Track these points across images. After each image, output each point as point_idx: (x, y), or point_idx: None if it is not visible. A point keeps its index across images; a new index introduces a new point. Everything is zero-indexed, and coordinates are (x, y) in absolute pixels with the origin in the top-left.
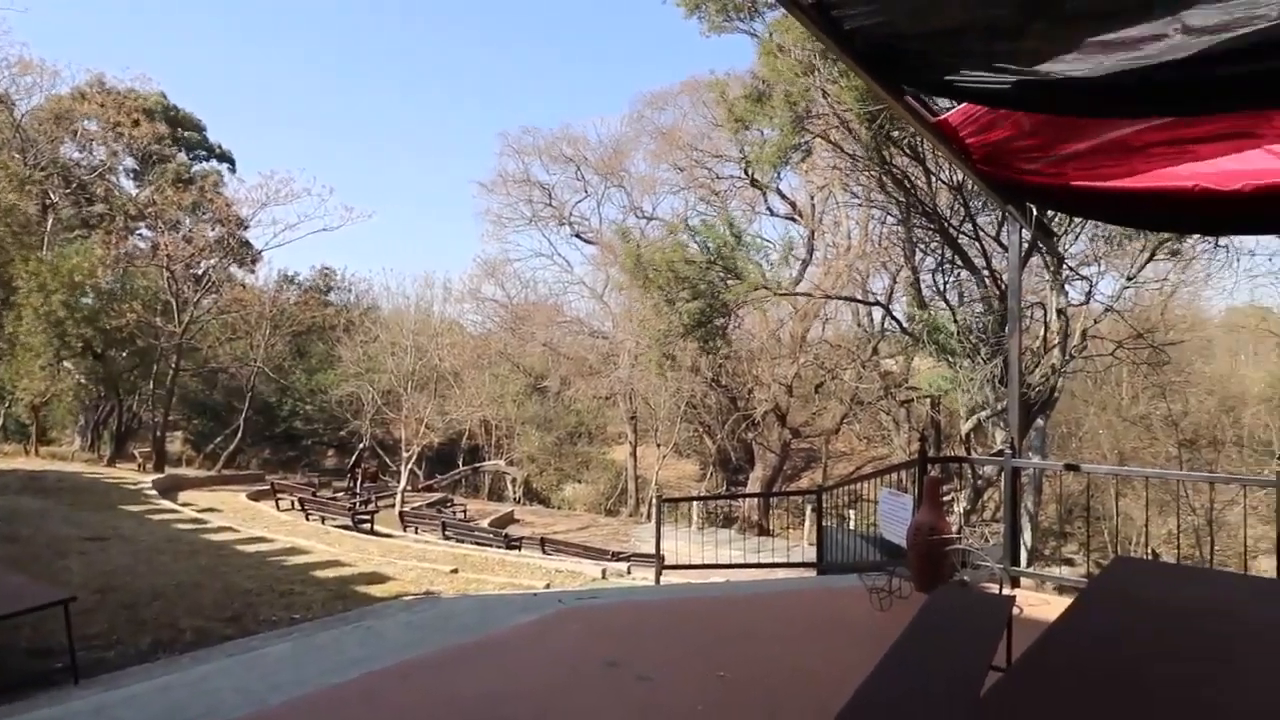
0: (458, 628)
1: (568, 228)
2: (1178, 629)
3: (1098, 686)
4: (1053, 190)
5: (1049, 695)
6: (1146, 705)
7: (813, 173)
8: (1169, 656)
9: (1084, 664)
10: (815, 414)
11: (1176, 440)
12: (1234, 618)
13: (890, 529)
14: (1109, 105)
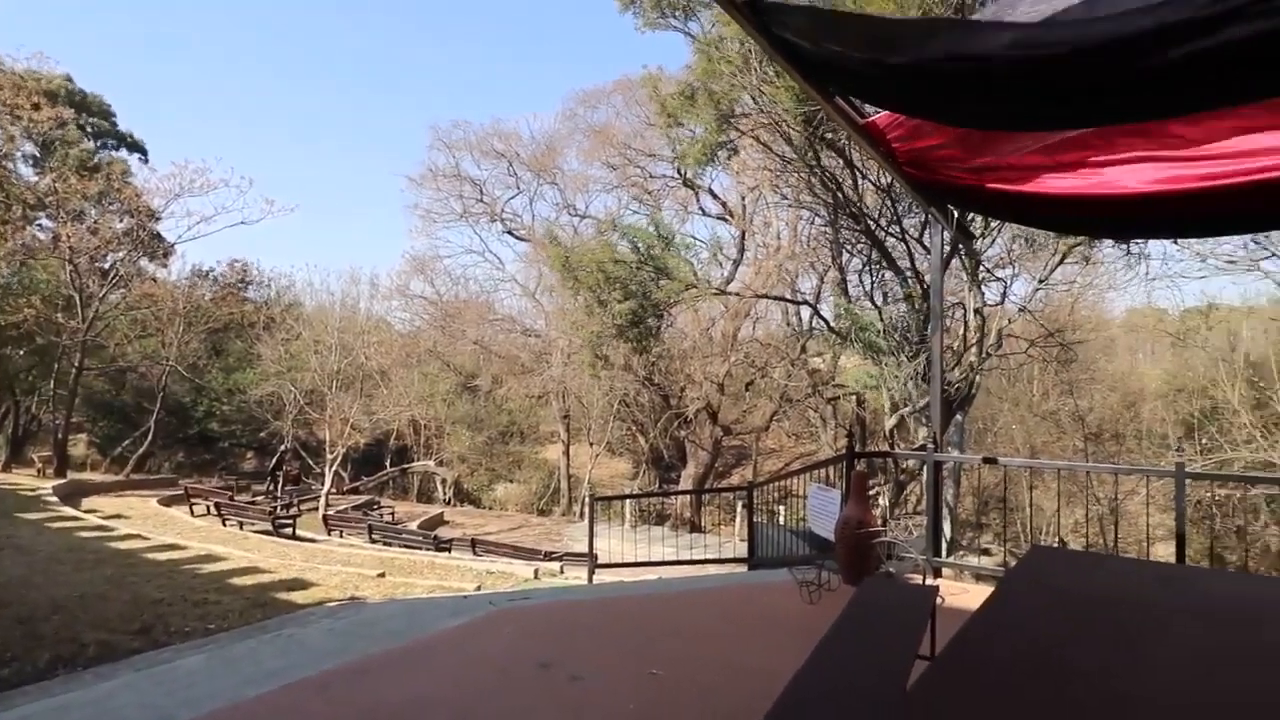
0: (383, 633)
1: (499, 224)
2: (1091, 616)
3: (1018, 675)
4: (973, 192)
5: (972, 686)
6: (1064, 692)
7: (744, 173)
8: (1084, 643)
9: (1004, 653)
10: (746, 411)
11: (1083, 434)
12: (1141, 603)
13: (819, 523)
14: (1010, 116)
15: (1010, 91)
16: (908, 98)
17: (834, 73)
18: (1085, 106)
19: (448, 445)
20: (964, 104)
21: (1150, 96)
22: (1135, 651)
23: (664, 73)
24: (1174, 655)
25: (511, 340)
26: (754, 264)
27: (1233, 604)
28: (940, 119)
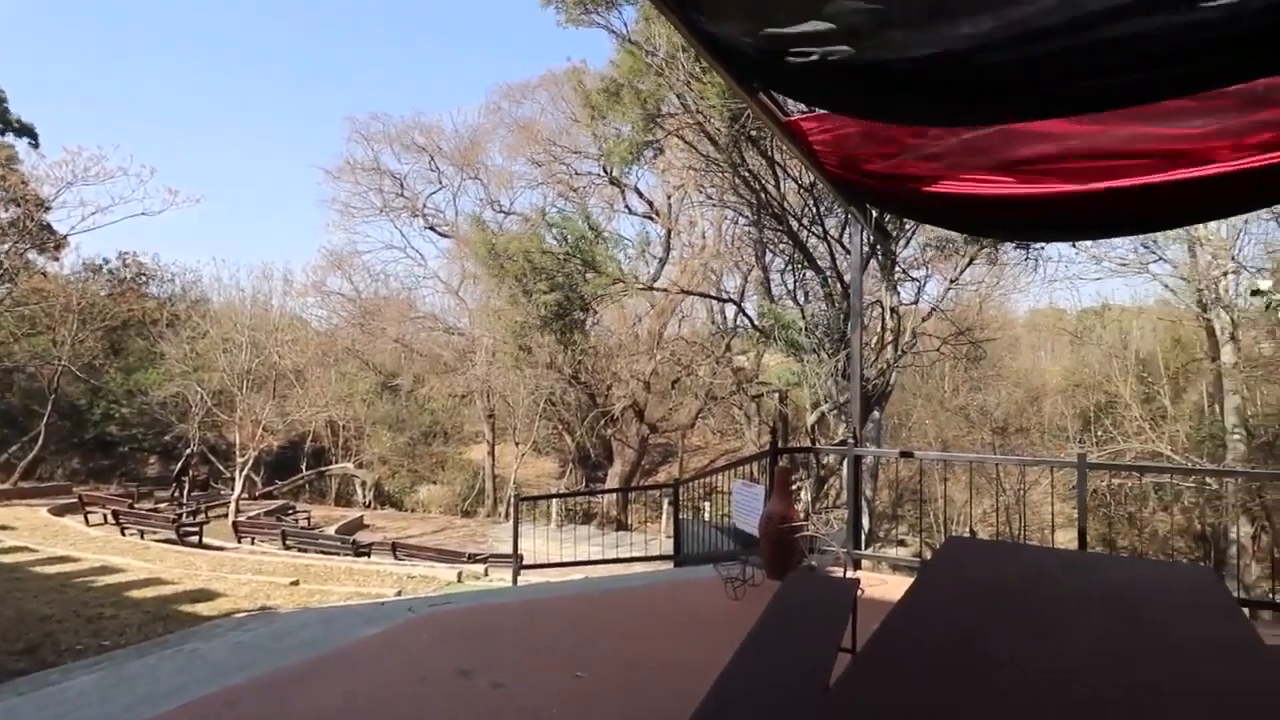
0: (295, 645)
1: (421, 220)
2: (1006, 605)
3: (939, 668)
4: (890, 192)
5: (894, 679)
6: (984, 682)
7: (669, 172)
8: (1001, 633)
9: (925, 645)
10: (672, 409)
11: (990, 428)
12: (1051, 591)
13: (743, 519)
14: (936, 111)
15: (928, 86)
16: (831, 91)
17: (759, 66)
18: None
19: (368, 447)
20: (885, 96)
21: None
22: (1048, 639)
23: (588, 68)
24: (1083, 641)
25: (434, 338)
26: (680, 263)
27: (1132, 589)
28: (860, 113)
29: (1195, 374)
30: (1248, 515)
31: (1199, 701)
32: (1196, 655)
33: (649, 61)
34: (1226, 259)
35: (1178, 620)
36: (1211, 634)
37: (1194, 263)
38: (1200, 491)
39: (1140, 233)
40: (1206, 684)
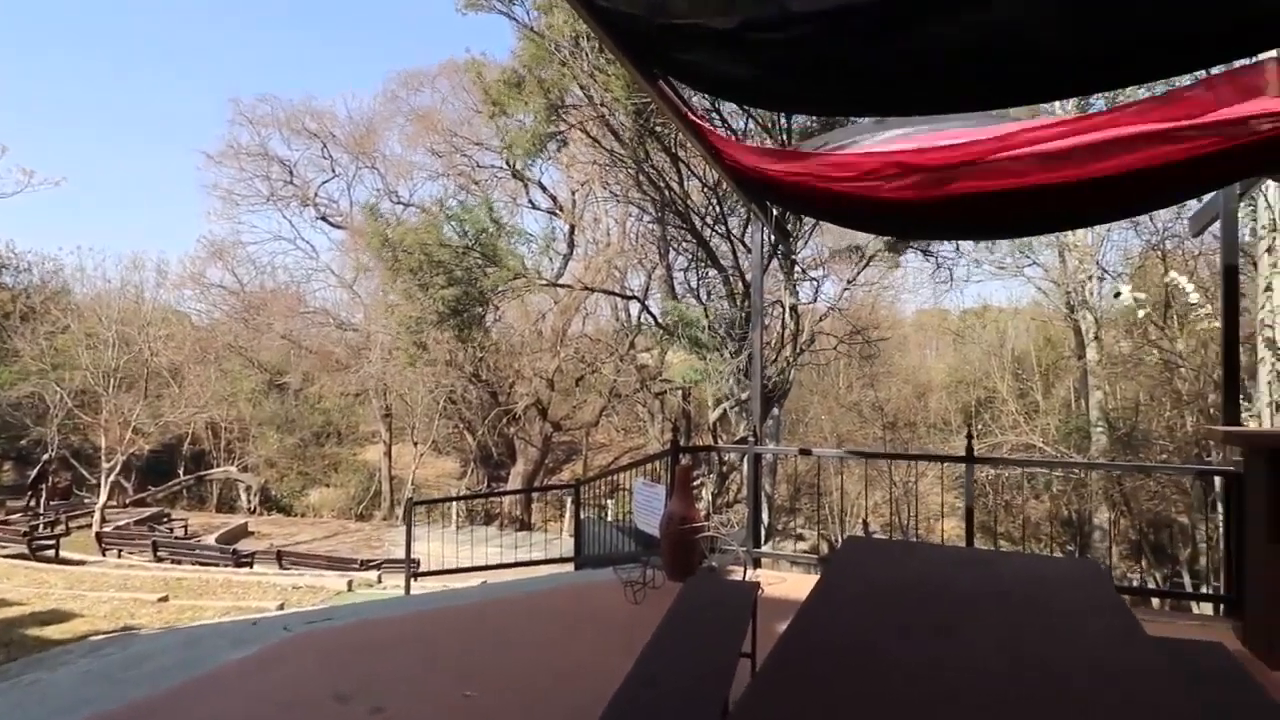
0: (152, 672)
1: (312, 209)
2: (907, 605)
3: (842, 674)
4: (788, 189)
5: (799, 686)
6: (889, 687)
7: (574, 167)
8: (903, 634)
9: (828, 650)
10: (576, 407)
11: (882, 423)
12: (950, 590)
13: (644, 519)
14: (846, 100)
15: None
16: (734, 78)
17: (658, 51)
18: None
19: (253, 449)
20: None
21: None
22: (950, 640)
23: (489, 58)
24: (983, 640)
25: (326, 334)
26: (584, 259)
27: (1025, 584)
28: (756, 100)
29: (1064, 371)
30: (1109, 502)
31: (1095, 695)
32: (1090, 649)
33: (551, 51)
34: (1091, 264)
35: (1070, 614)
36: (1101, 627)
37: (1063, 267)
38: (1068, 480)
39: (1038, 234)
40: (1102, 678)
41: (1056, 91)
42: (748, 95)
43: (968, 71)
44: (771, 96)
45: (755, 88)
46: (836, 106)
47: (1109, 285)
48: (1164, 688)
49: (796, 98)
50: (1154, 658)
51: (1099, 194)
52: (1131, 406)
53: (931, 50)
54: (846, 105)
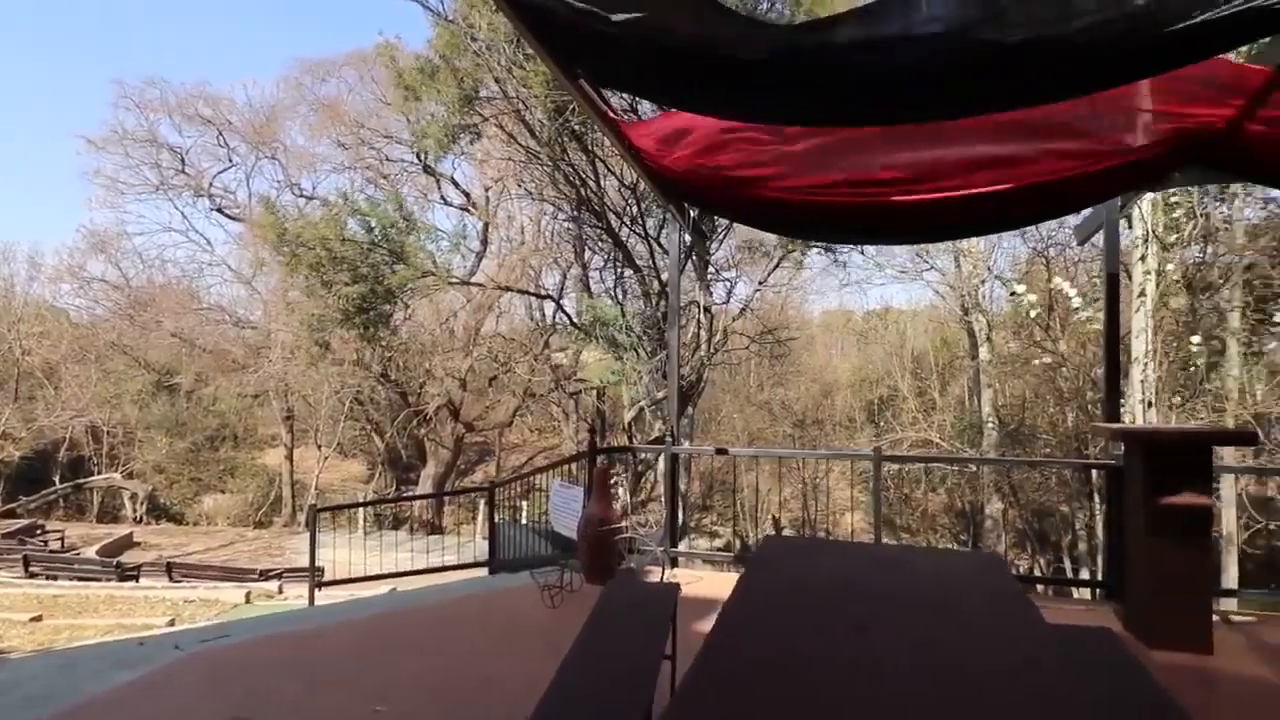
0: (20, 702)
1: (207, 200)
2: (827, 605)
3: (766, 679)
4: (705, 191)
5: (723, 692)
6: (813, 690)
7: (487, 164)
8: (824, 635)
9: (752, 653)
10: (489, 408)
11: (791, 421)
12: (864, 585)
13: (561, 522)
14: (767, 107)
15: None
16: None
17: (581, 49)
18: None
19: (140, 454)
20: (703, 86)
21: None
22: (868, 639)
23: (402, 45)
24: (900, 638)
25: (221, 333)
26: (498, 257)
27: (936, 579)
28: (679, 103)
29: (959, 370)
30: (999, 493)
31: (1006, 687)
32: (999, 641)
33: (467, 42)
34: (984, 269)
35: (978, 607)
36: (1008, 619)
37: (959, 272)
38: (963, 474)
39: (957, 238)
40: (1012, 670)
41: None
42: (669, 98)
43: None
44: (693, 101)
45: (677, 92)
46: (760, 116)
47: (1000, 290)
48: (1069, 676)
49: (720, 105)
50: (1055, 647)
51: (1001, 205)
52: (1019, 403)
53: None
54: (769, 116)
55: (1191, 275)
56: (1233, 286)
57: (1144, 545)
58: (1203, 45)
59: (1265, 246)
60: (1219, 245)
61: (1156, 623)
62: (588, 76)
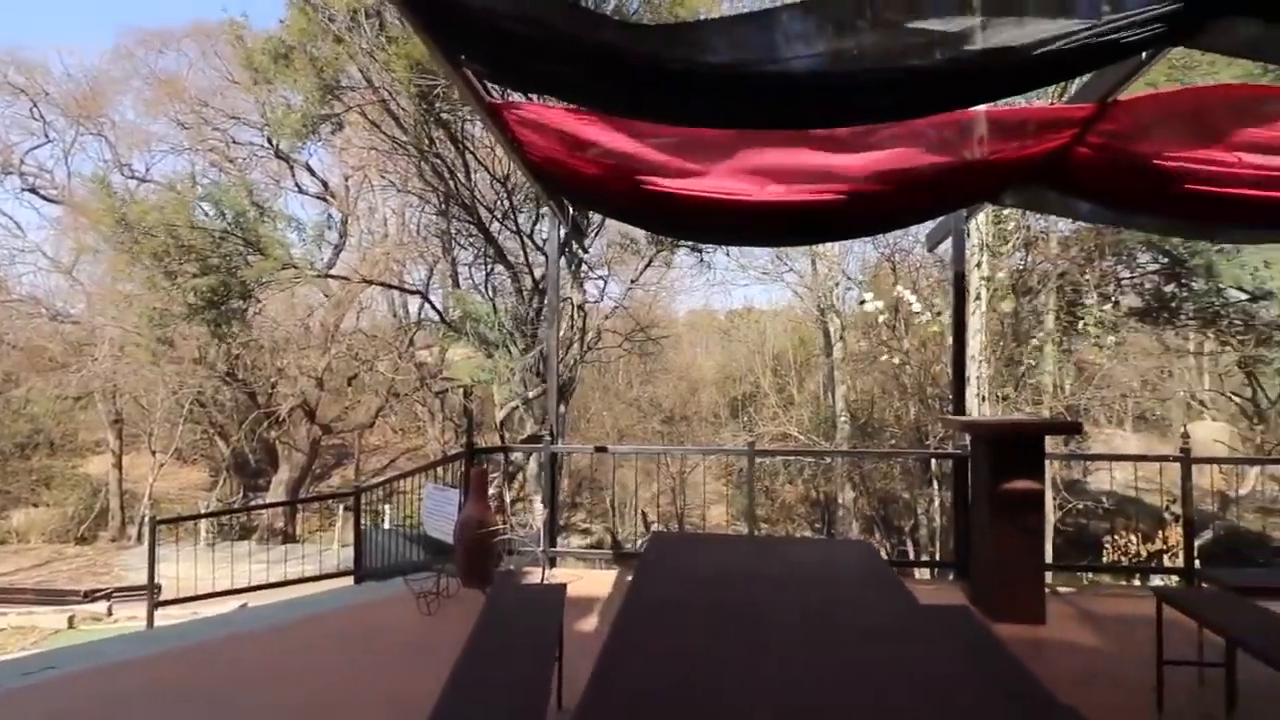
0: None
1: (17, 179)
2: (716, 598)
3: (664, 680)
4: (588, 186)
5: (626, 698)
6: (709, 688)
7: (348, 151)
8: (719, 631)
9: (653, 652)
10: (348, 408)
11: (660, 418)
12: (751, 578)
13: (436, 525)
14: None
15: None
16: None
17: (467, 33)
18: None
19: None
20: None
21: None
22: (761, 633)
23: (250, 24)
24: (792, 631)
25: (35, 327)
26: (359, 250)
27: (815, 568)
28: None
29: (814, 367)
30: (851, 483)
31: (897, 670)
32: (882, 625)
33: (325, 25)
34: (838, 272)
35: (859, 594)
36: (886, 602)
37: (815, 274)
38: (818, 465)
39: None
40: (900, 653)
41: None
42: (554, 92)
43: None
44: (577, 97)
45: (561, 87)
46: (640, 114)
47: (853, 291)
48: (949, 651)
49: (603, 101)
50: (932, 625)
51: (868, 211)
52: (869, 398)
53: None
54: (648, 114)
55: (1015, 281)
56: (1048, 292)
57: (987, 527)
58: (1046, 74)
59: (1075, 255)
60: (1037, 254)
61: (999, 598)
62: (471, 65)
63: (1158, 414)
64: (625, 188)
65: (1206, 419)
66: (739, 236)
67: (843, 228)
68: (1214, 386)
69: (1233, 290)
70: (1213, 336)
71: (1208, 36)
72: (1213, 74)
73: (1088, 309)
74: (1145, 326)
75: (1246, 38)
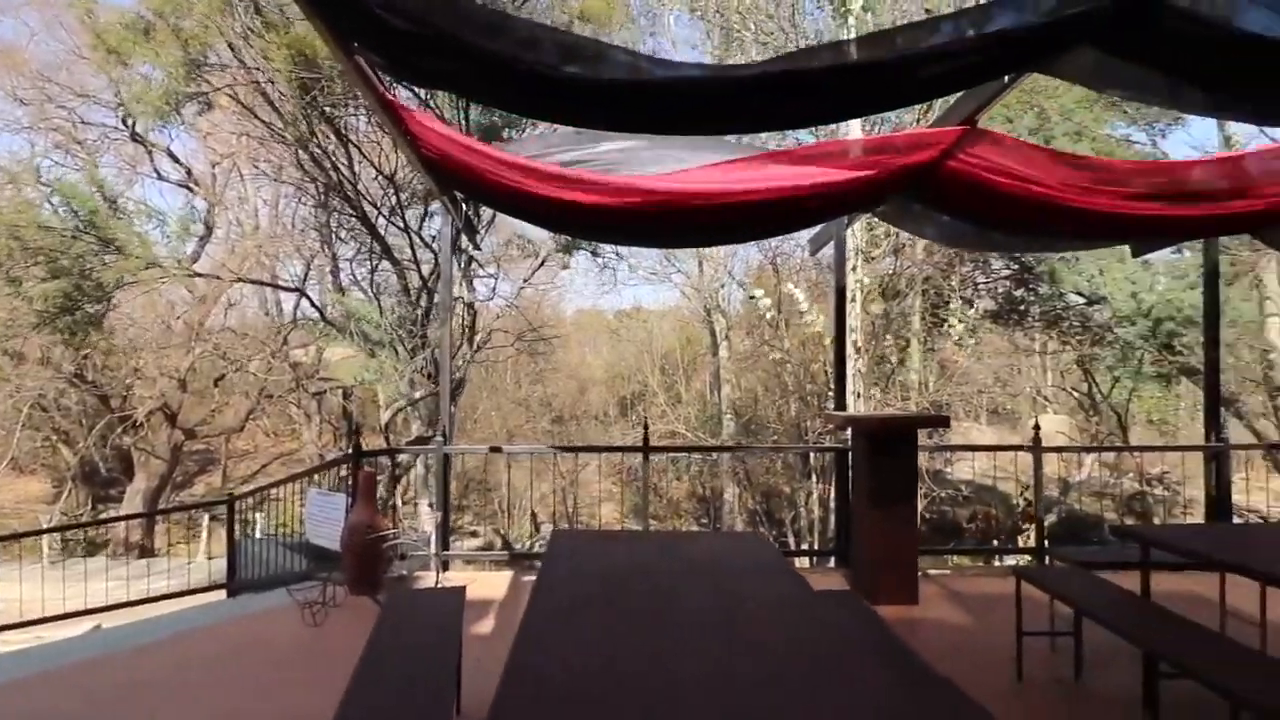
0: None
1: None
2: (622, 595)
3: (576, 682)
4: (487, 184)
5: (540, 701)
6: (622, 688)
7: (215, 136)
8: (625, 628)
9: (563, 653)
10: (215, 411)
11: (550, 418)
12: (653, 573)
13: (320, 532)
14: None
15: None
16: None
17: (365, 30)
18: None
19: None
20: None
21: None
22: (668, 627)
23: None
24: (697, 622)
25: None
26: (227, 243)
27: (714, 560)
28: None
29: (701, 366)
30: (735, 479)
31: (801, 652)
32: (781, 611)
33: (192, 3)
34: (724, 274)
35: (753, 580)
36: (779, 587)
37: (701, 275)
38: (704, 462)
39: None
40: (802, 637)
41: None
42: (459, 91)
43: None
44: (481, 95)
45: (468, 88)
46: (536, 115)
47: (737, 292)
48: (843, 633)
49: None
50: (825, 609)
51: (758, 215)
52: (752, 396)
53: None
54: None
55: (885, 285)
56: (914, 295)
57: (866, 515)
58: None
59: (939, 261)
60: (905, 259)
61: (877, 582)
62: (365, 54)
63: (1009, 408)
64: (522, 186)
65: (1050, 412)
66: (637, 237)
67: (741, 232)
68: (1056, 382)
69: (1072, 295)
70: (1055, 337)
71: (1059, 65)
72: (1056, 96)
73: (950, 311)
74: (998, 328)
75: (1086, 66)
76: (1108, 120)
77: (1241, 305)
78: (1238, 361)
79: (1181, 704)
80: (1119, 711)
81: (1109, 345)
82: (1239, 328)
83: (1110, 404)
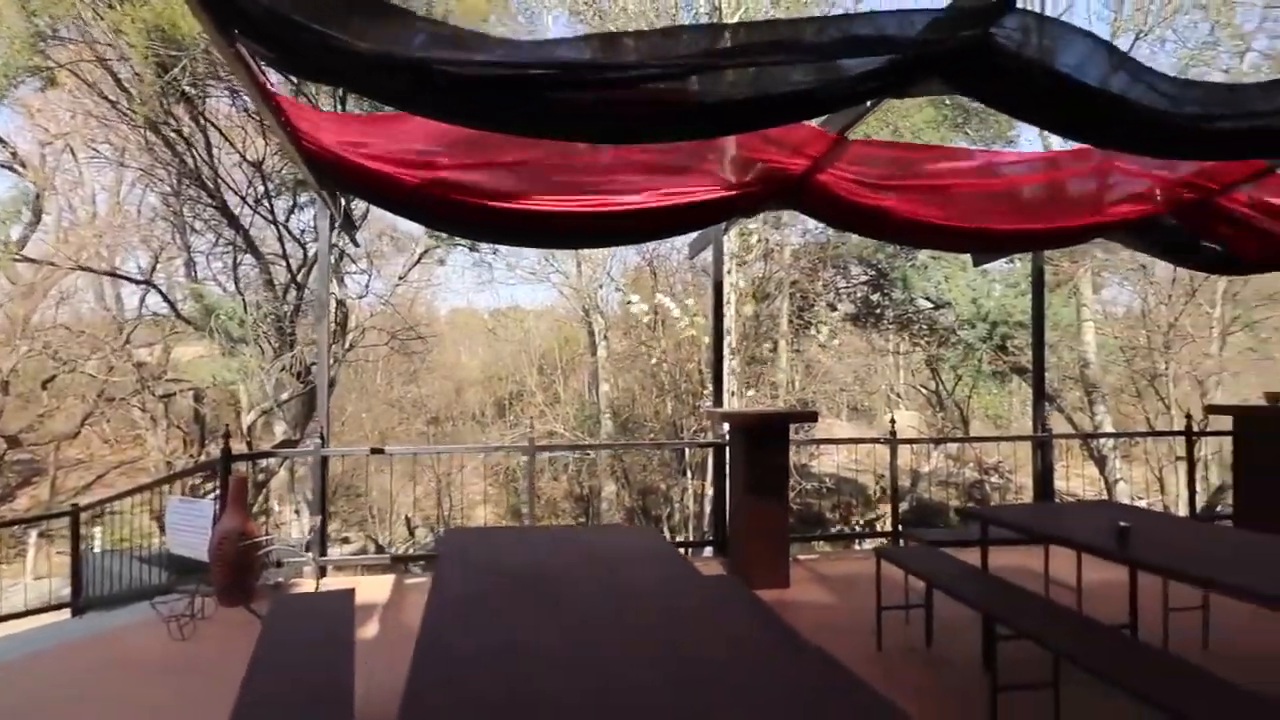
0: None
1: None
2: (522, 590)
3: (486, 680)
4: (371, 179)
5: (449, 704)
6: (534, 683)
7: (44, 113)
8: (531, 624)
9: (466, 652)
10: (44, 416)
11: (425, 419)
12: (550, 566)
13: (184, 541)
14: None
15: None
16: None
17: (246, 20)
18: None
19: None
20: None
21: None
22: (571, 616)
23: None
24: (597, 610)
25: None
26: (59, 231)
27: (608, 552)
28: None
29: (579, 366)
30: (613, 477)
31: (691, 631)
32: (673, 594)
33: None
34: (602, 274)
35: (646, 570)
36: (672, 575)
37: (580, 275)
38: (582, 461)
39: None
40: (692, 616)
41: None
42: (344, 85)
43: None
44: (365, 90)
45: (352, 83)
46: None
47: (615, 293)
48: (734, 613)
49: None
50: (714, 592)
51: (636, 221)
52: (630, 395)
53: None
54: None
55: (756, 288)
56: (783, 298)
57: (742, 505)
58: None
59: (805, 266)
60: (774, 264)
61: (753, 567)
62: (245, 43)
63: (866, 405)
64: (407, 183)
65: (902, 408)
66: (520, 238)
67: (622, 235)
68: (907, 381)
69: (922, 300)
70: (907, 338)
71: (914, 89)
72: (908, 116)
73: (815, 314)
74: (857, 329)
75: (936, 88)
76: (951, 139)
77: (1062, 310)
78: (1059, 361)
79: (1016, 662)
80: (964, 671)
81: (953, 346)
82: (1060, 330)
83: (954, 400)
